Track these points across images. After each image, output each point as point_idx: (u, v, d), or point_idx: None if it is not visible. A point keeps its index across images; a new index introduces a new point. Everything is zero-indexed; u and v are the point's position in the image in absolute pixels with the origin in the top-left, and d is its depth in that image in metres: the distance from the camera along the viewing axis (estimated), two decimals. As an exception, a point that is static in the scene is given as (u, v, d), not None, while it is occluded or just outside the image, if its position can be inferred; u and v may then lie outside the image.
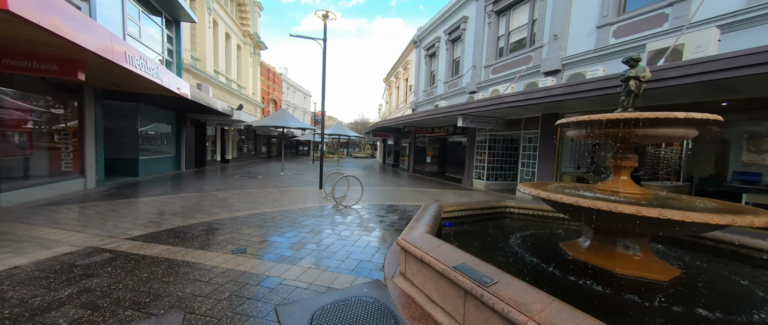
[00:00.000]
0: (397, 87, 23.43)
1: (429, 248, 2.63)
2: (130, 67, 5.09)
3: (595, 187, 3.20)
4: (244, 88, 21.80)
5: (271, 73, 30.87)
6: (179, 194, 7.44)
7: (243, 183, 10.01)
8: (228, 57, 19.11)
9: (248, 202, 6.83)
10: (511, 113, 8.97)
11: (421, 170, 16.57)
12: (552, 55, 8.05)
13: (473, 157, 11.47)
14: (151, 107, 11.27)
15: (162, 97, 9.06)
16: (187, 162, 13.85)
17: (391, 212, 6.39)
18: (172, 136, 13.08)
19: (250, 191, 8.35)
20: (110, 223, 4.67)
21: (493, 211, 5.14)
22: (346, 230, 4.79)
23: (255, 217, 5.48)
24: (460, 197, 8.94)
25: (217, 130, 17.87)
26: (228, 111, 13.73)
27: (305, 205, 6.77)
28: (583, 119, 2.78)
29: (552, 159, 8.14)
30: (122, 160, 10.35)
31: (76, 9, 4.05)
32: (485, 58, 11.10)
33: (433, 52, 15.54)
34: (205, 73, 14.93)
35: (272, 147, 32.41)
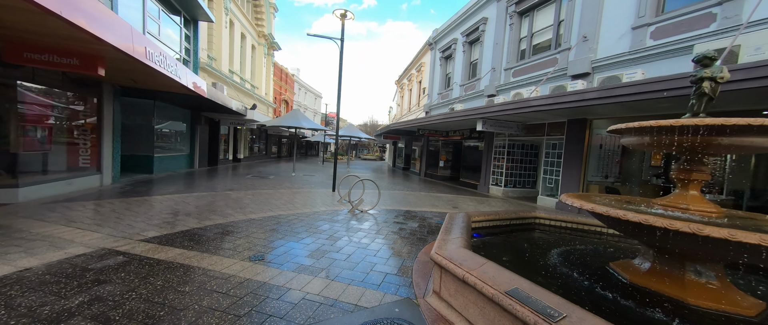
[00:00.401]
0: (409, 89, 23.18)
1: (471, 266, 2.34)
2: (151, 63, 4.99)
3: (655, 202, 2.84)
4: (257, 88, 21.94)
5: (284, 74, 31.09)
6: (193, 193, 7.34)
7: (255, 183, 9.90)
8: (243, 57, 19.25)
9: (262, 203, 6.66)
10: (535, 118, 8.58)
11: (433, 174, 16.22)
12: (581, 57, 7.66)
13: (490, 162, 11.08)
14: (168, 105, 11.32)
15: (178, 95, 9.04)
16: (201, 160, 13.90)
17: (410, 218, 6.10)
18: (186, 135, 13.14)
19: (263, 192, 8.20)
20: (124, 222, 4.54)
21: (522, 222, 4.80)
22: (366, 238, 4.53)
23: (270, 220, 5.28)
24: (478, 204, 8.58)
25: (230, 130, 17.96)
26: (242, 110, 13.73)
27: (320, 208, 6.56)
28: (649, 125, 2.45)
29: (578, 167, 7.71)
30: (137, 157, 10.39)
31: (99, 2, 3.95)
32: (505, 60, 10.73)
33: (448, 55, 15.23)
34: (221, 72, 15.00)
35: (282, 147, 32.58)
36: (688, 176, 2.59)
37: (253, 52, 21.42)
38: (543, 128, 9.12)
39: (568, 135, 8.04)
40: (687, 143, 2.36)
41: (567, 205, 3.08)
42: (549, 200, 8.61)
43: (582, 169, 7.64)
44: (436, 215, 6.63)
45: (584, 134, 7.63)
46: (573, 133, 7.92)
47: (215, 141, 15.49)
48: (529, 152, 10.76)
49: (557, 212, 5.24)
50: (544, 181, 8.91)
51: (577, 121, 7.83)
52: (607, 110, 6.57)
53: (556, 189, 8.56)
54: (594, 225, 4.63)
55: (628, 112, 6.59)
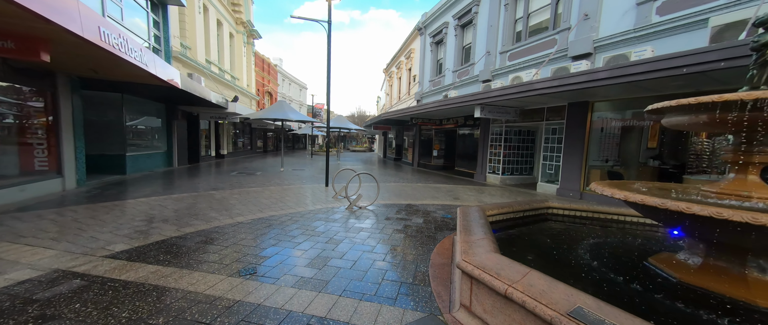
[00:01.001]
0: (398, 77, 22.54)
1: (513, 276, 1.94)
2: (107, 46, 4.24)
3: (705, 190, 2.52)
4: (238, 80, 20.72)
5: (266, 64, 29.64)
6: (171, 195, 6.64)
7: (241, 181, 9.22)
8: (220, 46, 18.00)
9: (250, 203, 6.08)
10: (535, 102, 8.27)
11: (427, 164, 15.90)
12: (582, 37, 7.33)
13: (487, 150, 10.80)
14: (139, 99, 10.31)
15: (150, 87, 8.15)
16: (180, 158, 12.96)
17: (413, 213, 5.70)
18: (162, 130, 12.14)
19: (251, 190, 7.58)
20: (87, 234, 3.89)
21: (536, 212, 4.49)
22: (370, 239, 4.09)
23: (260, 222, 4.75)
24: (479, 194, 8.29)
25: (211, 124, 16.90)
26: (223, 103, 12.79)
27: (314, 206, 6.05)
28: (710, 101, 2.07)
29: (580, 152, 7.50)
30: (108, 156, 9.45)
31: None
32: (501, 43, 10.32)
33: (440, 39, 14.68)
34: (197, 62, 13.90)
35: (268, 141, 31.42)
36: (750, 158, 2.26)
37: (231, 40, 20.10)
38: (541, 113, 8.85)
39: (569, 119, 7.79)
40: (749, 120, 2.00)
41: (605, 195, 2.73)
42: (549, 187, 8.43)
43: (584, 153, 7.43)
44: (439, 208, 6.26)
45: (586, 118, 7.39)
46: (574, 117, 7.67)
47: (195, 137, 14.49)
48: (526, 138, 10.54)
49: (567, 200, 4.96)
50: (543, 167, 8.71)
51: (578, 105, 7.57)
52: (611, 92, 6.31)
53: (556, 175, 8.36)
54: (610, 213, 4.37)
55: (635, 93, 6.35)
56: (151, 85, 7.80)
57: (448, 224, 4.96)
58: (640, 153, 7.72)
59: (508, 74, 9.51)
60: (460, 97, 9.06)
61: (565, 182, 7.85)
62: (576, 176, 7.55)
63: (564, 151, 7.89)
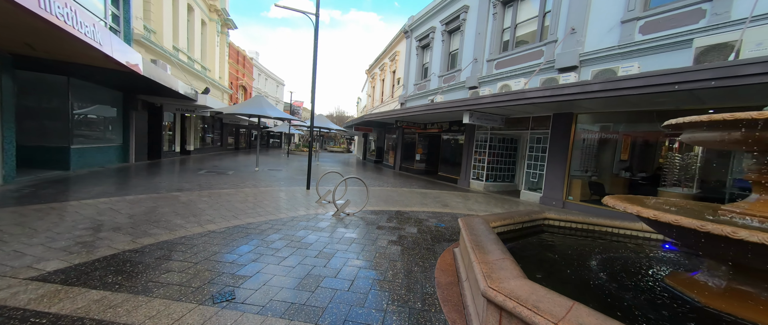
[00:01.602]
0: (382, 79, 22.28)
1: (555, 311, 1.66)
2: (47, 15, 3.46)
3: (726, 210, 2.45)
4: (209, 71, 19.27)
5: (241, 57, 28.00)
6: (126, 196, 5.74)
7: (211, 181, 8.35)
8: (190, 33, 16.58)
9: (222, 207, 5.40)
10: (522, 111, 8.36)
11: (409, 168, 15.73)
12: (568, 50, 7.52)
13: (471, 156, 10.82)
14: (89, 84, 9.02)
15: (104, 71, 7.10)
16: (138, 153, 11.60)
17: (404, 221, 5.37)
18: (117, 122, 10.78)
19: (222, 192, 6.83)
20: (10, 247, 3.09)
21: (534, 224, 4.36)
22: (365, 252, 3.70)
23: (236, 231, 4.15)
24: (465, 200, 8.18)
25: (176, 117, 15.44)
26: (191, 94, 11.67)
27: (297, 212, 5.51)
28: (749, 118, 1.97)
29: (563, 161, 7.66)
30: (47, 149, 8.12)
31: None
32: (488, 51, 10.41)
33: (426, 44, 14.63)
34: (162, 48, 12.60)
35: (240, 138, 29.65)
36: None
37: (203, 28, 18.65)
38: (526, 122, 8.99)
39: (554, 129, 7.95)
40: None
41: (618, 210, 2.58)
42: (532, 195, 8.54)
43: (567, 163, 7.60)
44: (431, 215, 6.00)
45: (570, 129, 7.57)
46: (559, 128, 7.83)
47: (157, 130, 13.10)
48: (509, 146, 10.70)
49: (563, 211, 4.91)
50: (527, 175, 8.82)
51: (563, 116, 7.74)
52: (599, 104, 6.47)
53: (539, 184, 8.50)
54: (604, 226, 4.36)
55: (619, 107, 6.57)
56: (105, 69, 6.79)
57: (444, 235, 4.69)
58: (613, 164, 8.07)
59: (495, 82, 9.59)
60: (449, 103, 8.94)
61: (548, 191, 7.98)
62: (559, 185, 7.70)
63: (548, 161, 8.03)
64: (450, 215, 6.16)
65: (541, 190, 8.41)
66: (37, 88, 7.96)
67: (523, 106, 7.38)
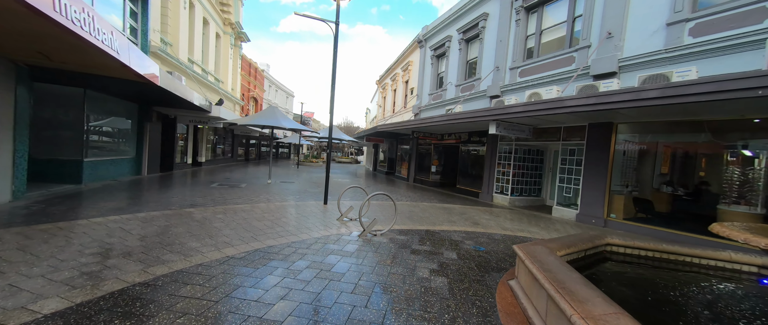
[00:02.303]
0: (393, 90, 22.07)
1: None
2: (62, 19, 3.17)
3: None
4: (222, 83, 19.38)
5: (253, 69, 28.35)
6: (138, 213, 5.38)
7: (225, 194, 7.98)
8: (205, 46, 16.75)
9: (239, 227, 4.97)
10: (554, 121, 7.85)
11: (424, 180, 15.19)
12: (605, 55, 7.03)
13: (494, 168, 10.26)
14: (105, 96, 8.90)
15: (121, 82, 6.91)
16: (151, 165, 11.40)
17: (439, 243, 4.84)
18: (132, 134, 10.64)
19: (237, 208, 6.43)
20: (5, 279, 2.69)
21: (596, 250, 3.79)
22: (408, 285, 3.18)
23: (257, 256, 3.70)
24: (495, 217, 7.59)
25: (189, 129, 15.37)
26: (206, 106, 11.52)
27: (319, 231, 5.04)
28: None
29: (603, 175, 7.05)
30: (60, 162, 7.91)
31: None
32: (511, 59, 10.01)
33: (442, 53, 14.35)
34: (178, 60, 12.61)
35: (250, 150, 29.68)
36: None
37: (217, 41, 18.88)
38: (557, 133, 8.45)
39: (590, 140, 7.38)
40: None
41: (736, 242, 2.04)
42: (566, 212, 7.90)
43: (607, 177, 6.99)
44: (465, 236, 5.45)
45: (609, 140, 7.00)
46: (595, 139, 7.27)
47: (170, 142, 12.97)
48: (535, 158, 10.12)
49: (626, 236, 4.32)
50: (559, 190, 8.21)
51: (600, 126, 7.19)
52: (642, 113, 5.94)
53: (574, 199, 7.88)
54: (680, 254, 3.73)
55: (669, 116, 6.02)
56: (123, 80, 6.59)
57: (488, 261, 4.14)
58: (653, 178, 7.42)
59: (521, 91, 9.12)
60: (473, 112, 8.49)
61: (586, 207, 7.34)
62: (599, 202, 7.07)
63: (584, 175, 7.43)
64: (485, 235, 5.60)
65: (576, 206, 7.77)
66: (53, 101, 7.84)
67: (557, 116, 6.88)
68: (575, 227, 6.93)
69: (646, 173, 7.36)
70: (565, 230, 6.51)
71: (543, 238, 5.68)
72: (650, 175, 7.38)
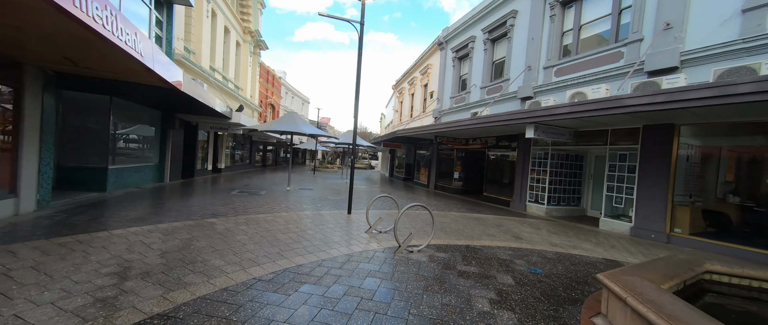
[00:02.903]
0: (411, 94, 21.61)
1: None
2: (83, 16, 2.90)
3: None
4: (241, 90, 19.59)
5: (270, 76, 28.74)
6: (160, 224, 5.10)
7: (245, 203, 7.69)
8: (226, 54, 16.95)
9: (263, 240, 4.58)
10: (600, 123, 7.11)
11: (446, 187, 14.53)
12: (663, 49, 6.27)
13: (527, 175, 9.52)
14: (130, 103, 8.91)
15: (145, 88, 6.81)
16: (173, 172, 11.39)
17: (487, 264, 4.25)
18: (155, 140, 10.66)
19: (260, 218, 6.07)
20: (12, 308, 2.36)
21: (694, 280, 3.10)
22: (468, 320, 2.63)
23: (286, 279, 3.26)
24: (536, 230, 6.88)
25: (210, 135, 15.47)
26: (227, 112, 11.46)
27: (350, 246, 4.57)
28: None
29: (663, 184, 6.24)
30: (86, 169, 7.89)
31: None
32: (545, 57, 9.32)
33: (464, 54, 13.79)
34: (201, 67, 12.70)
35: (268, 155, 29.93)
36: None
37: (237, 49, 19.14)
38: (601, 136, 7.67)
39: (646, 144, 6.59)
40: None
41: None
42: (617, 224, 7.08)
43: (669, 187, 6.16)
44: (513, 254, 4.82)
45: (670, 144, 6.20)
46: (653, 143, 6.47)
47: (192, 148, 13.01)
48: (573, 164, 9.31)
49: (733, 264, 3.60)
50: (607, 199, 7.39)
51: (658, 128, 6.40)
52: (713, 113, 5.16)
53: (626, 209, 7.05)
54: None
55: (746, 116, 5.20)
56: (148, 86, 6.46)
57: (554, 289, 3.52)
58: (717, 187, 6.51)
59: (560, 90, 8.41)
60: (509, 115, 7.86)
61: (642, 221, 6.52)
62: (659, 214, 6.24)
63: (640, 183, 6.63)
64: (535, 253, 4.94)
65: (627, 217, 6.95)
66: (80, 108, 7.86)
67: (609, 118, 6.17)
68: (632, 242, 6.12)
69: (709, 181, 6.48)
70: (623, 247, 5.74)
71: (606, 258, 4.97)
72: (713, 183, 6.49)
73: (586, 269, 4.25)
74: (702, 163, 6.43)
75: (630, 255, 5.19)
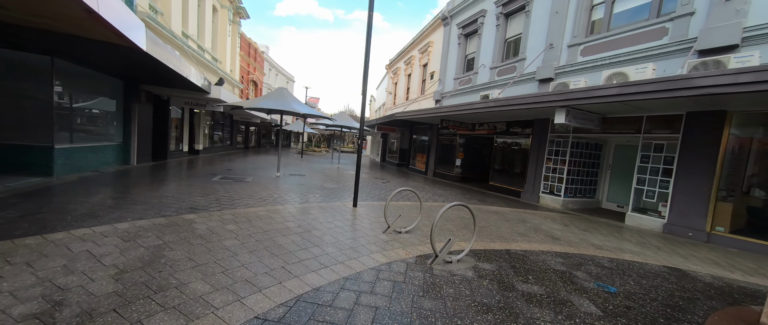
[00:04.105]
0: (408, 74, 20.33)
1: None
2: None
3: None
4: (219, 62, 17.53)
5: (253, 49, 26.26)
6: (120, 224, 3.90)
7: (231, 192, 6.51)
8: (201, 19, 14.83)
9: (260, 246, 3.54)
10: (636, 108, 6.40)
11: (446, 174, 13.80)
12: (720, 24, 5.53)
13: (542, 165, 8.87)
14: (82, 69, 7.23)
15: (95, 48, 5.31)
16: (141, 153, 9.83)
17: (546, 279, 3.46)
18: (117, 116, 9.01)
19: (251, 213, 4.97)
20: None
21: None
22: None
23: (303, 314, 2.28)
24: (565, 227, 6.23)
25: (185, 113, 13.69)
26: (205, 85, 9.87)
27: (371, 254, 3.64)
28: None
29: (707, 177, 5.69)
30: (24, 149, 6.35)
31: None
32: (569, 35, 8.43)
33: (472, 31, 12.66)
34: (171, 32, 10.83)
35: (250, 136, 27.97)
36: None
37: (214, 15, 16.93)
38: (634, 123, 7.01)
39: (689, 133, 5.98)
40: None
41: None
42: (646, 219, 6.57)
43: (714, 180, 5.62)
44: (563, 262, 4.08)
45: (719, 133, 5.60)
46: (698, 132, 5.86)
47: (163, 126, 11.35)
48: (592, 153, 8.71)
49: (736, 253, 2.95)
50: (637, 193, 6.84)
51: (705, 115, 5.77)
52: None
53: (656, 204, 6.53)
54: None
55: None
56: (99, 44, 4.98)
57: (651, 318, 2.77)
58: (743, 180, 6.08)
59: (590, 71, 7.61)
60: (535, 97, 7.00)
61: (678, 217, 6.01)
62: (699, 210, 5.73)
63: (678, 176, 6.06)
64: (588, 260, 4.23)
65: (661, 213, 6.44)
66: (10, 71, 6.19)
67: (658, 102, 5.44)
68: (670, 241, 5.60)
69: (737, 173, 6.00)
70: (670, 249, 5.18)
71: (665, 265, 4.33)
72: (740, 175, 6.03)
73: (659, 284, 3.57)
74: (756, 155, 5.87)
75: (684, 259, 4.61)
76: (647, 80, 5.01)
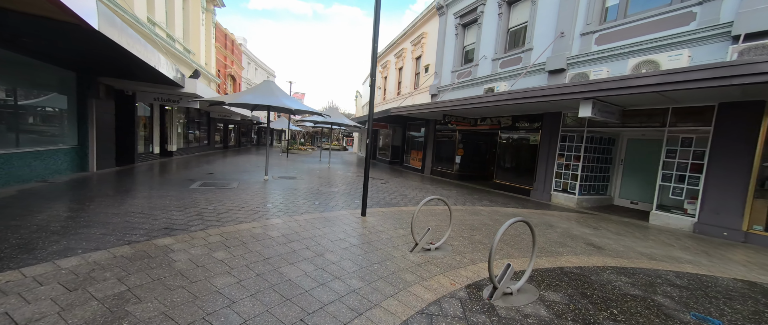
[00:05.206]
0: (398, 68, 19.49)
1: None
2: None
3: None
4: (192, 54, 15.88)
5: (230, 41, 24.37)
6: (66, 259, 2.85)
7: (215, 203, 5.45)
8: (169, 4, 13.19)
9: (262, 282, 2.65)
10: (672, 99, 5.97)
11: (445, 172, 13.20)
12: (761, 5, 5.13)
13: (554, 161, 8.40)
14: (16, 56, 5.83)
15: (29, 28, 4.09)
16: (102, 157, 8.42)
17: (630, 312, 2.82)
18: (69, 114, 7.58)
19: (243, 231, 4.01)
20: None
21: None
22: None
23: None
24: (595, 230, 5.72)
25: (154, 110, 12.15)
26: (178, 78, 8.57)
27: (409, 289, 2.85)
28: None
29: (743, 174, 5.34)
30: (-63, 158, 4.96)
31: None
32: (582, 22, 7.94)
33: (471, 20, 12.01)
34: (135, 18, 9.37)
35: (229, 135, 26.13)
36: None
37: (185, 2, 15.21)
38: (658, 116, 6.62)
39: (722, 125, 5.61)
40: None
41: None
42: (674, 218, 6.22)
43: (752, 176, 5.28)
44: (628, 281, 3.48)
45: (758, 125, 5.25)
46: (733, 124, 5.50)
47: (129, 126, 9.89)
48: (605, 148, 8.34)
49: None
50: (662, 190, 6.47)
51: (740, 106, 5.41)
52: None
53: (683, 202, 6.18)
54: None
55: None
56: (32, 23, 3.79)
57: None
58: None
59: (615, 60, 7.11)
60: (554, 88, 6.42)
61: (711, 216, 5.65)
62: (735, 208, 5.39)
63: (710, 172, 5.70)
64: (653, 275, 3.67)
65: (689, 211, 6.09)
66: None
67: (703, 91, 4.98)
68: (707, 244, 5.22)
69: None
70: (720, 254, 4.76)
71: (736, 278, 3.84)
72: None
73: (758, 309, 3.03)
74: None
75: (742, 267, 4.17)
76: (696, 67, 4.50)
